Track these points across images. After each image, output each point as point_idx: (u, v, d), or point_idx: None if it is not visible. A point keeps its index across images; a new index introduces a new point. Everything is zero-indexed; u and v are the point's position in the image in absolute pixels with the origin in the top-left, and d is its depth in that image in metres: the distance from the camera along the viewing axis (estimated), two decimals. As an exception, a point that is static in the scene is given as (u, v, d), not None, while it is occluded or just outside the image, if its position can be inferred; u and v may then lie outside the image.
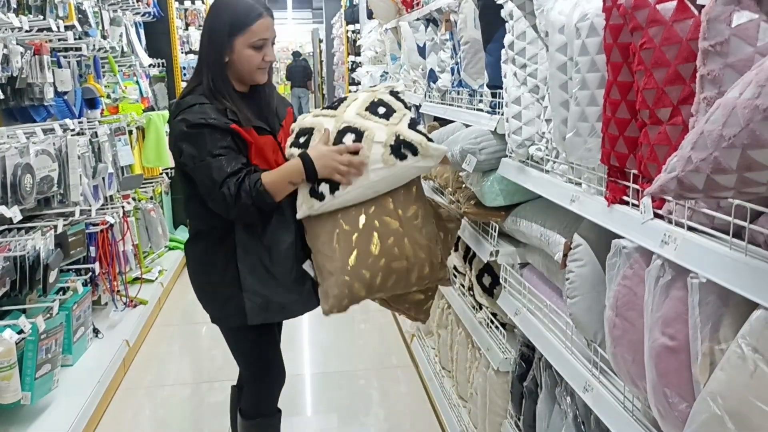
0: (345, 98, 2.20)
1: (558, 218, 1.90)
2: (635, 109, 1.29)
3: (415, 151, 2.01)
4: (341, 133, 2.06)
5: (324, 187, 2.03)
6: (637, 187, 1.34)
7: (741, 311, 1.04)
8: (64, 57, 3.61)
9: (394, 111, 2.09)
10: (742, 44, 0.99)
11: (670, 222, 1.22)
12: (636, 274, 1.30)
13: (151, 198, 5.30)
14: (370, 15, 5.38)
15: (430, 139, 2.05)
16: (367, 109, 2.10)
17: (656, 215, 1.26)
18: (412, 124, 2.07)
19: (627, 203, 1.39)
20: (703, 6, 1.04)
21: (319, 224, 2.07)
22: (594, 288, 1.57)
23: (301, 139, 2.11)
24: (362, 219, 2.02)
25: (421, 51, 3.37)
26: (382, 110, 2.09)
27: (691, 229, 1.16)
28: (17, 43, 2.98)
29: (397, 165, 2.00)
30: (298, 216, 2.09)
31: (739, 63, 0.99)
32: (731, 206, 1.05)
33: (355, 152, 2.00)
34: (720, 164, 0.87)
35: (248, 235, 2.09)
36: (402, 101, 2.17)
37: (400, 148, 2.00)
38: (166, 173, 5.69)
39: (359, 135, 2.03)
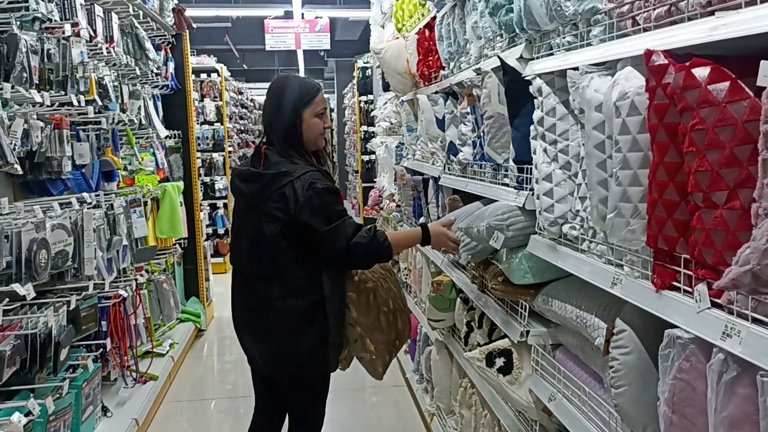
0: None
1: (594, 299, 1.81)
2: (685, 191, 1.23)
3: None
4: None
5: None
6: (689, 272, 1.26)
7: (822, 415, 0.95)
8: (84, 131, 3.61)
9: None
10: (811, 128, 0.93)
11: (730, 312, 1.14)
12: (694, 368, 1.21)
13: (164, 270, 5.23)
14: (386, 87, 5.42)
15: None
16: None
17: (713, 304, 1.19)
18: None
19: (678, 289, 1.31)
20: (763, 88, 1.00)
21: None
22: (642, 377, 1.48)
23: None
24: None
25: (440, 123, 3.35)
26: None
27: (755, 321, 1.08)
28: (38, 118, 2.98)
29: None
30: None
31: (808, 147, 0.94)
32: (803, 299, 0.97)
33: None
34: (804, 259, 0.80)
35: (336, 297, 2.41)
36: None
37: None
38: (179, 244, 5.64)
39: None
